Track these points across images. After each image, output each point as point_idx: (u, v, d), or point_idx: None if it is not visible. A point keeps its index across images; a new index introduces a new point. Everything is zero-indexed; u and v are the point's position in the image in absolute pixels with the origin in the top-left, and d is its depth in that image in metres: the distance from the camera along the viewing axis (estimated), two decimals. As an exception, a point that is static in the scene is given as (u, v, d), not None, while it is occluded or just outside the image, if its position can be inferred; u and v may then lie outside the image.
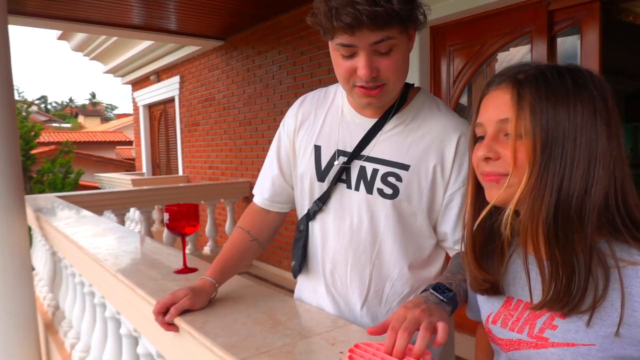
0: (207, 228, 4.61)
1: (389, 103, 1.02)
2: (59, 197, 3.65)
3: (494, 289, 0.76)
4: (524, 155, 0.65)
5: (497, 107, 0.68)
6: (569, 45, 2.55)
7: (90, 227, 2.17)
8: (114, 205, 4.08)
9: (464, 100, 3.02)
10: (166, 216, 1.31)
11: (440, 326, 0.71)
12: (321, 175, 1.07)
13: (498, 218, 0.71)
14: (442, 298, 0.82)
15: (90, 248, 1.70)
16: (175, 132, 6.65)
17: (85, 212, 2.76)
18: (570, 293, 0.63)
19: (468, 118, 0.89)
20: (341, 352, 0.78)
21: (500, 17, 2.71)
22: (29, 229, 3.37)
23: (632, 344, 0.63)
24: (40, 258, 3.26)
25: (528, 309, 0.71)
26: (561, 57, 2.54)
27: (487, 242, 0.75)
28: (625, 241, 0.64)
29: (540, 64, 0.69)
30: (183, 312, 0.97)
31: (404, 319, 0.72)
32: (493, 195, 0.69)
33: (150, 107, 7.54)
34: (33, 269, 3.36)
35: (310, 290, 1.15)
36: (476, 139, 0.73)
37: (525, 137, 0.64)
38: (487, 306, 0.79)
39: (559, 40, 2.57)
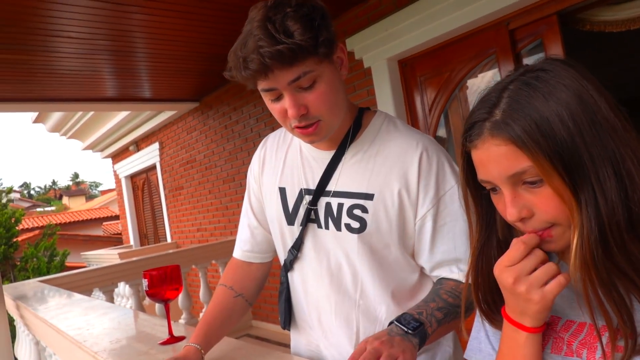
0: (201, 293, 4.42)
1: (343, 132, 0.96)
2: (42, 281, 3.48)
3: None
4: (560, 198, 0.56)
5: (499, 164, 0.58)
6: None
7: (70, 309, 2.03)
8: (101, 282, 3.90)
9: (441, 131, 3.02)
10: (144, 282, 1.21)
11: (400, 359, 0.68)
12: (290, 218, 1.01)
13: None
14: (406, 330, 0.75)
15: (69, 330, 1.57)
16: (160, 199, 6.55)
17: (66, 294, 2.61)
18: None
19: (449, 149, 0.84)
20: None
21: (465, 42, 2.76)
22: (12, 320, 3.19)
23: None
24: (25, 351, 3.05)
25: (592, 330, 0.60)
26: (530, 73, 2.56)
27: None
28: None
29: (498, 87, 0.61)
30: (167, 388, 0.86)
31: (363, 351, 0.69)
32: (551, 248, 0.61)
33: (132, 177, 7.48)
34: (18, 364, 3.15)
35: (304, 343, 1.06)
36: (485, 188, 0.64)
37: (549, 178, 0.56)
38: None
39: (525, 58, 2.61)
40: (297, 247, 1.00)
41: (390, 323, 0.78)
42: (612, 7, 2.38)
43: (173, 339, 1.23)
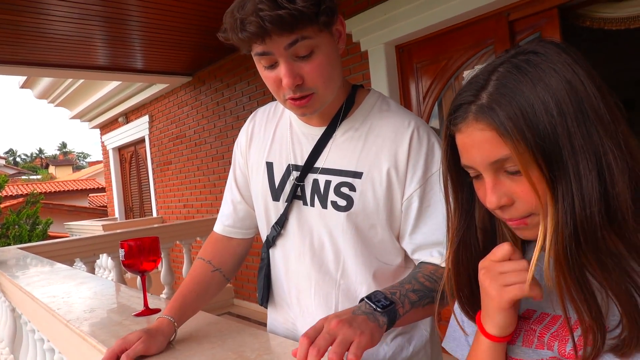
0: (184, 269, 4.41)
1: (335, 108, 0.94)
2: (22, 248, 3.43)
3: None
4: (541, 187, 0.54)
5: (482, 150, 0.57)
6: (532, 56, 2.57)
7: (47, 276, 2.00)
8: (83, 252, 3.86)
9: (434, 122, 2.99)
10: (121, 252, 1.18)
11: (355, 343, 0.64)
12: (275, 193, 0.98)
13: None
14: (374, 307, 0.73)
15: (44, 297, 1.54)
16: (147, 173, 6.47)
17: (46, 262, 2.57)
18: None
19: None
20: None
21: (463, 31, 2.73)
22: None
23: None
24: (0, 317, 3.02)
25: (565, 323, 0.59)
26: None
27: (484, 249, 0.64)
28: None
29: (487, 69, 0.58)
30: (137, 359, 0.84)
31: (320, 329, 0.66)
32: (526, 235, 0.61)
33: (120, 149, 7.38)
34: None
35: (280, 321, 1.05)
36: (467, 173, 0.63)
37: (527, 170, 0.54)
38: None
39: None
40: (281, 223, 0.98)
41: (362, 300, 0.76)
42: (613, 4, 2.36)
43: (148, 311, 1.21)
